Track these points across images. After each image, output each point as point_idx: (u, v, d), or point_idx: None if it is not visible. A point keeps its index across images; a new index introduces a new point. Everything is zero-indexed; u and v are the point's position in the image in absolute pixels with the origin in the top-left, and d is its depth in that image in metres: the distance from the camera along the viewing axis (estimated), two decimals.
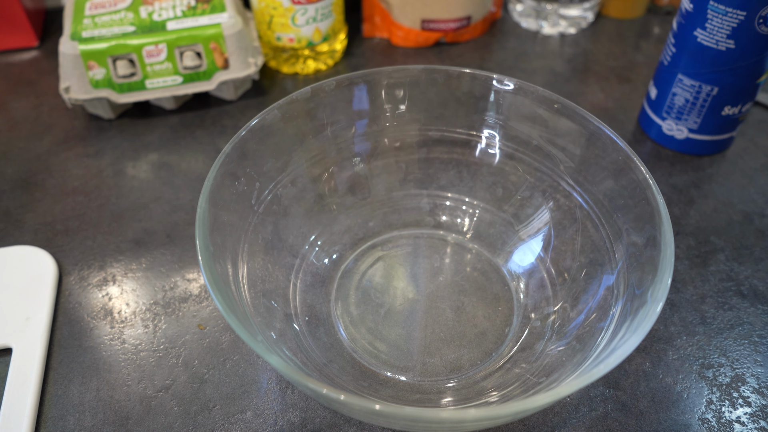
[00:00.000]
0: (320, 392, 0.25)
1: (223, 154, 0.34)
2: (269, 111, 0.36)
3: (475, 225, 0.42)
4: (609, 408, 0.34)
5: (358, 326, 0.38)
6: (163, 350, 0.37)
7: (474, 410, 0.24)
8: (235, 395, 0.35)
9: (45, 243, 0.43)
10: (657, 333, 0.38)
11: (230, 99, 0.54)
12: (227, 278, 0.31)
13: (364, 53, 0.60)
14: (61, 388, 0.35)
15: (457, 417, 0.24)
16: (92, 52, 0.48)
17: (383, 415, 0.25)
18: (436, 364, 0.36)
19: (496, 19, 0.64)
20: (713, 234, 0.43)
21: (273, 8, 0.52)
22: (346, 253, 0.41)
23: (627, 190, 0.34)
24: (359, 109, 0.40)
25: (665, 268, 0.28)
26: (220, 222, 0.33)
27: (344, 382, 0.34)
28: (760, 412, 0.34)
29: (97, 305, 0.40)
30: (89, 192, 0.47)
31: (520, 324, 0.37)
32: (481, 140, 0.40)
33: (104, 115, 0.52)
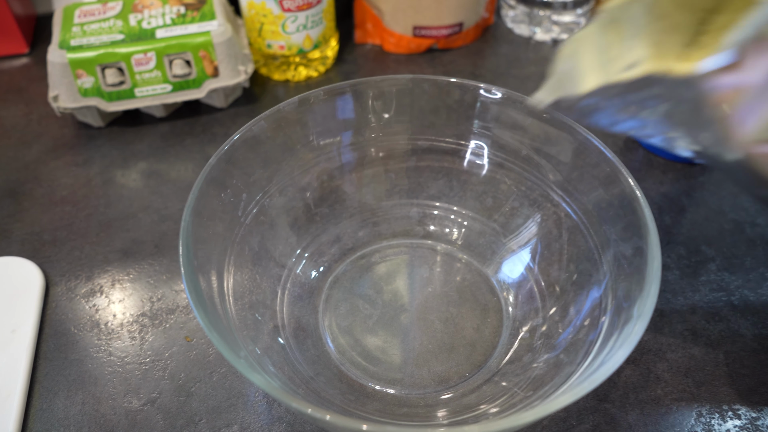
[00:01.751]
0: (305, 412, 0.25)
1: (209, 165, 0.34)
2: (256, 122, 0.36)
3: (465, 235, 0.42)
4: (598, 421, 0.34)
5: (346, 338, 0.37)
6: (150, 362, 0.37)
7: (458, 429, 0.24)
8: (222, 408, 0.35)
9: (32, 253, 0.43)
10: (647, 344, 0.37)
11: (221, 107, 0.54)
12: (212, 291, 0.31)
13: (356, 60, 0.60)
14: (46, 402, 0.35)
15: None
16: (80, 60, 0.47)
17: None
18: (424, 376, 0.36)
19: (488, 25, 0.64)
20: (704, 243, 0.43)
21: (263, 16, 0.52)
22: (335, 263, 0.41)
23: (615, 201, 0.33)
24: (347, 118, 0.39)
25: (651, 282, 0.28)
26: (206, 233, 0.33)
27: (331, 396, 0.33)
28: (749, 425, 0.34)
29: (84, 317, 0.39)
30: (77, 201, 0.46)
31: (509, 336, 0.37)
32: (470, 150, 0.40)
33: (93, 123, 0.52)
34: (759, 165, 0.21)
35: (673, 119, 0.23)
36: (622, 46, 0.26)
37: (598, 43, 0.27)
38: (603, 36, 0.26)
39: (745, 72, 0.19)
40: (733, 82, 0.20)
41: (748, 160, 0.21)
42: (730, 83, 0.19)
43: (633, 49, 0.27)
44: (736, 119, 0.20)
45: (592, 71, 0.27)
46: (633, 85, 0.22)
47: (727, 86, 0.20)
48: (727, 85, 0.20)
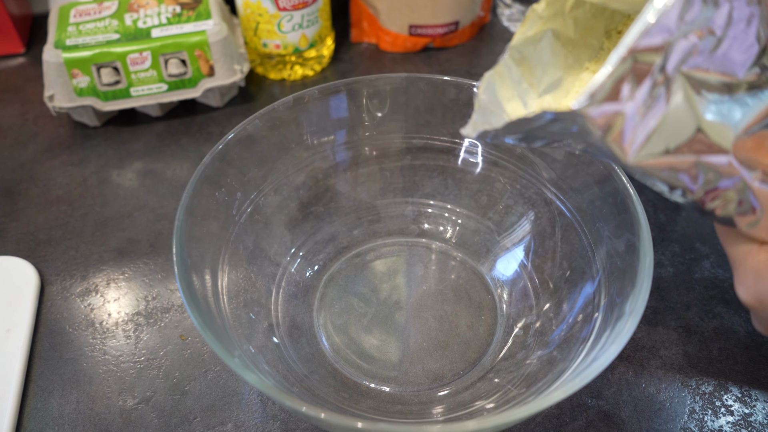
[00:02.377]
0: (299, 410, 0.25)
1: (203, 164, 0.34)
2: (250, 121, 0.36)
3: (460, 233, 0.42)
4: (591, 417, 0.34)
5: (340, 336, 0.37)
6: (145, 361, 0.37)
7: (453, 425, 0.24)
8: (216, 407, 0.35)
9: (27, 253, 0.43)
10: (640, 341, 0.37)
11: (216, 106, 0.54)
12: (206, 290, 0.31)
13: (352, 59, 0.60)
14: (41, 401, 0.35)
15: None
16: (76, 60, 0.48)
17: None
18: (418, 374, 0.36)
19: (484, 24, 0.64)
20: (698, 241, 0.43)
21: (259, 15, 0.52)
22: (330, 262, 0.41)
23: (609, 198, 0.33)
24: (342, 117, 0.40)
25: (643, 279, 0.28)
26: (200, 232, 0.33)
27: (325, 394, 0.33)
28: (742, 421, 0.34)
29: (79, 316, 0.39)
30: (73, 201, 0.47)
31: (504, 333, 0.37)
32: (464, 148, 0.40)
33: (89, 123, 0.52)
34: (654, 174, 0.24)
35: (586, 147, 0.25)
36: (534, 75, 0.28)
37: (511, 77, 0.29)
38: (514, 70, 0.29)
39: (621, 101, 0.21)
40: (611, 110, 0.21)
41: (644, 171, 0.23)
42: (608, 111, 0.21)
43: (545, 76, 0.30)
44: (620, 143, 0.22)
45: (510, 101, 0.29)
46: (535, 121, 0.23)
47: (605, 114, 0.21)
48: (605, 114, 0.21)
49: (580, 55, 0.30)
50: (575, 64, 0.30)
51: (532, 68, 0.30)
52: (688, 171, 0.24)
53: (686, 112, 0.23)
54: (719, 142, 0.24)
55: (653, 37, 0.20)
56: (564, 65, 0.30)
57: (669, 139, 0.23)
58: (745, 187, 0.25)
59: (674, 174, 0.24)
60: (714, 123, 0.23)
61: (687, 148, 0.23)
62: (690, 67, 0.22)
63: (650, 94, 0.21)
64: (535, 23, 0.29)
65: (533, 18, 0.29)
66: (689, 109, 0.23)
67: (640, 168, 0.23)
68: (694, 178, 0.24)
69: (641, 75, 0.21)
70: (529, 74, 0.30)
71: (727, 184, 0.25)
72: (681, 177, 0.24)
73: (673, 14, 0.20)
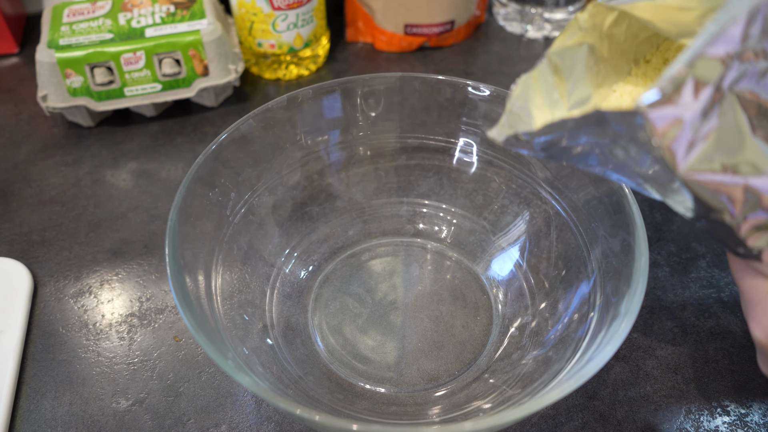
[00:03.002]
0: (293, 412, 0.24)
1: (196, 164, 0.33)
2: (244, 121, 0.36)
3: (455, 233, 0.42)
4: (587, 418, 0.34)
5: (335, 337, 0.37)
6: (138, 363, 0.37)
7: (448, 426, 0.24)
8: (210, 408, 0.35)
9: (20, 254, 0.43)
10: (636, 341, 0.37)
11: (211, 106, 0.54)
12: (199, 291, 0.31)
13: (347, 58, 0.60)
14: (34, 403, 0.35)
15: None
16: (69, 60, 0.47)
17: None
18: (413, 375, 0.36)
19: (480, 23, 0.64)
20: (695, 240, 0.43)
21: (253, 14, 0.52)
22: (324, 262, 0.41)
23: (604, 197, 0.33)
24: (336, 117, 0.39)
25: (639, 278, 0.28)
26: (193, 233, 0.33)
27: (319, 395, 0.33)
28: (738, 422, 0.34)
29: (73, 317, 0.39)
30: (67, 201, 0.46)
31: (499, 334, 0.37)
32: (459, 147, 0.40)
33: (83, 123, 0.52)
34: (698, 192, 0.23)
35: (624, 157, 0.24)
36: (566, 87, 0.28)
37: (545, 83, 0.29)
38: (549, 77, 0.28)
39: (681, 106, 0.20)
40: (671, 115, 0.21)
41: (688, 188, 0.23)
42: (668, 116, 0.21)
43: (575, 90, 0.30)
44: (674, 150, 0.21)
45: (540, 110, 0.28)
46: (580, 123, 0.23)
47: (666, 119, 0.21)
48: (666, 118, 0.21)
49: (609, 76, 0.30)
50: (604, 84, 0.30)
51: (565, 80, 0.29)
52: (733, 192, 0.23)
53: (737, 130, 0.22)
54: (764, 167, 0.23)
55: (718, 46, 0.20)
56: (594, 83, 0.30)
57: (722, 155, 0.22)
58: None
59: (718, 194, 0.23)
60: (760, 146, 0.23)
61: (736, 168, 0.23)
62: (741, 87, 0.22)
63: (707, 106, 0.21)
64: (575, 33, 0.29)
65: (574, 28, 0.29)
66: (739, 129, 0.22)
67: (688, 181, 0.22)
68: (738, 201, 0.24)
69: (701, 84, 0.21)
70: (562, 85, 0.30)
71: (766, 214, 0.24)
72: (723, 198, 0.23)
73: (739, 26, 0.20)
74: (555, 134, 0.25)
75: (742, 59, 0.21)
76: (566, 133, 0.24)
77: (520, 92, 0.29)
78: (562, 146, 0.25)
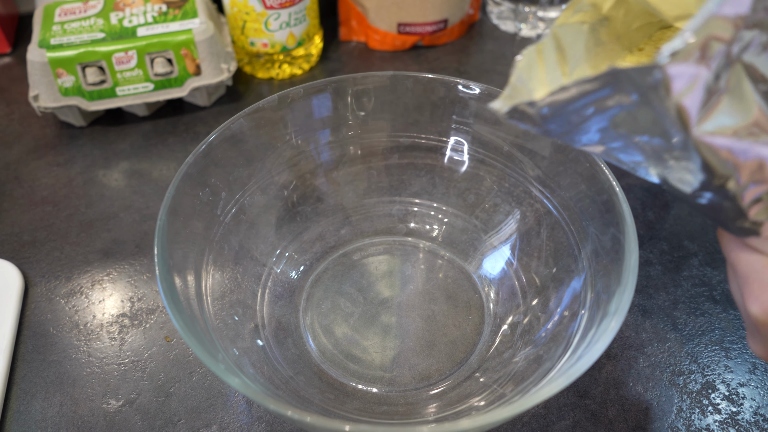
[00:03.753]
0: (284, 414, 0.24)
1: (186, 164, 0.33)
2: (235, 120, 0.36)
3: (447, 232, 0.42)
4: (578, 417, 0.34)
5: (327, 336, 0.37)
6: (129, 363, 0.37)
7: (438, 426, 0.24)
8: (201, 409, 0.35)
9: (11, 254, 0.42)
10: (628, 340, 0.37)
11: (204, 105, 0.54)
12: (188, 292, 0.31)
13: (340, 57, 0.60)
14: (24, 404, 0.35)
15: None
16: (60, 59, 0.47)
17: None
18: (404, 374, 0.35)
19: (473, 22, 0.63)
20: (687, 239, 0.43)
21: (246, 13, 0.52)
22: (316, 262, 0.41)
23: (595, 195, 0.33)
24: (327, 116, 0.39)
25: (628, 277, 0.28)
26: (183, 233, 0.33)
27: (310, 396, 0.33)
28: (729, 420, 0.34)
29: (63, 318, 0.39)
30: (58, 202, 0.46)
31: (491, 332, 0.37)
32: (450, 146, 0.40)
33: (75, 123, 0.52)
34: (707, 156, 0.23)
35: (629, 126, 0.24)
36: (567, 66, 0.28)
37: (548, 60, 0.29)
38: (552, 54, 0.28)
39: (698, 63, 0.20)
40: (688, 73, 0.20)
41: (698, 151, 0.22)
42: (686, 73, 0.20)
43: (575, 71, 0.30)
44: (689, 109, 0.21)
45: (543, 84, 0.28)
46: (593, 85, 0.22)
47: (683, 76, 0.20)
48: (683, 75, 0.20)
49: (606, 60, 0.31)
50: (601, 67, 0.30)
51: (567, 58, 0.30)
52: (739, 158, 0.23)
53: (745, 97, 0.22)
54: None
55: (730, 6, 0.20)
56: (593, 65, 0.30)
57: (731, 120, 0.22)
58: None
59: (726, 159, 0.23)
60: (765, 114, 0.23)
61: (744, 134, 0.23)
62: (746, 57, 0.22)
63: (720, 68, 0.21)
64: (578, 11, 0.29)
65: (577, 5, 0.29)
66: (747, 96, 0.22)
67: (699, 143, 0.22)
68: (744, 168, 0.23)
69: (716, 44, 0.20)
70: (563, 63, 0.30)
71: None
72: (730, 165, 0.23)
73: None
74: (560, 103, 0.24)
75: (748, 26, 0.21)
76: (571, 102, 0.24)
77: (525, 64, 0.29)
78: (566, 118, 0.25)
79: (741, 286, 0.28)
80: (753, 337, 0.29)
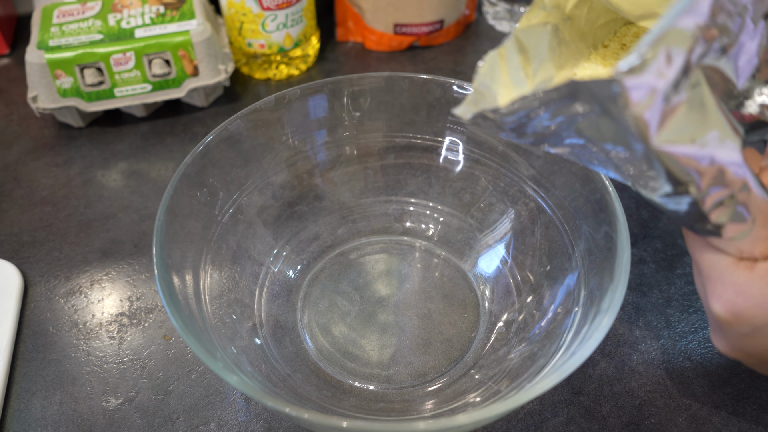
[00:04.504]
0: (282, 411, 0.25)
1: (184, 164, 0.34)
2: (232, 121, 0.36)
3: (443, 231, 0.42)
4: (572, 413, 0.34)
5: (324, 335, 0.37)
6: (128, 362, 0.37)
7: (432, 422, 0.24)
8: (199, 406, 0.35)
9: (11, 255, 0.43)
10: (622, 337, 0.38)
11: (202, 106, 0.54)
12: (187, 291, 0.31)
13: (337, 58, 0.60)
14: (24, 402, 0.35)
15: (411, 429, 0.24)
16: (59, 60, 0.47)
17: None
18: (401, 372, 0.36)
19: (470, 22, 0.64)
20: (680, 237, 0.43)
21: (243, 14, 0.52)
22: (313, 261, 0.41)
23: (588, 195, 0.34)
24: (324, 116, 0.40)
25: (621, 275, 0.28)
26: (181, 232, 0.33)
27: (307, 393, 0.33)
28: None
29: (63, 317, 0.39)
30: (57, 202, 0.46)
31: (486, 330, 0.37)
32: (445, 146, 0.40)
33: (74, 124, 0.52)
34: (668, 165, 0.23)
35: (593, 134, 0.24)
36: (531, 67, 0.28)
37: (511, 63, 0.29)
38: (515, 56, 0.29)
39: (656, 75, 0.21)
40: (646, 84, 0.21)
41: (660, 160, 0.23)
42: (643, 84, 0.21)
43: (539, 71, 0.30)
44: (648, 121, 0.21)
45: (506, 88, 0.28)
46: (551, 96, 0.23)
47: (641, 88, 0.21)
48: (641, 87, 0.21)
49: (570, 59, 0.31)
50: (566, 66, 0.31)
51: (530, 59, 0.30)
52: (700, 165, 0.23)
53: (704, 104, 0.23)
54: (731, 143, 0.23)
55: (689, 18, 0.21)
56: (557, 64, 0.31)
57: (690, 128, 0.23)
58: (747, 194, 0.25)
59: (687, 167, 0.23)
60: (723, 121, 0.23)
61: (704, 141, 0.23)
62: (706, 63, 0.22)
63: (678, 78, 0.21)
64: (539, 12, 0.30)
65: (539, 7, 0.30)
66: (706, 103, 0.23)
67: (660, 152, 0.22)
68: (704, 174, 0.24)
69: (674, 55, 0.21)
70: (527, 65, 0.30)
71: (728, 189, 0.24)
72: (692, 171, 0.23)
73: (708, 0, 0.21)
74: (523, 111, 0.25)
75: (708, 34, 0.22)
76: (535, 111, 0.24)
77: (487, 70, 0.29)
78: (531, 126, 0.25)
79: (704, 285, 0.29)
80: (715, 333, 0.30)
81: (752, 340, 0.28)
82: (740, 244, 0.27)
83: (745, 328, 0.27)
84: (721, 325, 0.28)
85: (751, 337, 0.28)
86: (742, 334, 0.28)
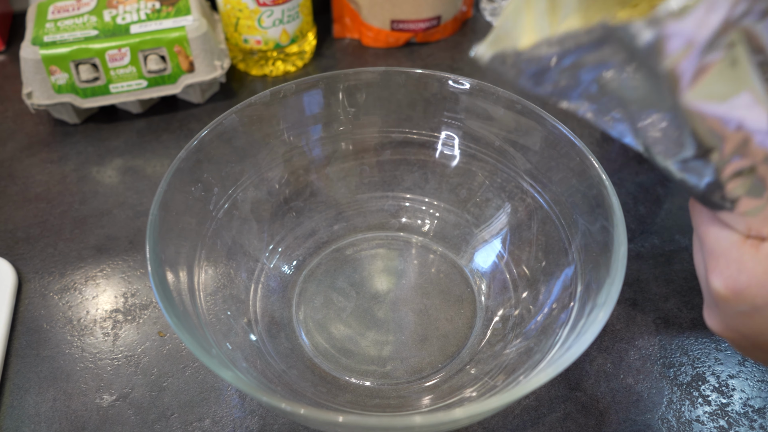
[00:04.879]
0: (278, 406, 0.24)
1: (178, 159, 0.33)
2: (227, 116, 0.36)
3: (439, 226, 0.42)
4: (569, 409, 0.34)
5: (319, 331, 0.37)
6: (123, 358, 0.37)
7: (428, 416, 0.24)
8: (194, 403, 0.35)
9: (5, 251, 0.42)
10: (619, 333, 0.37)
11: (197, 102, 0.54)
12: (181, 287, 0.31)
13: (334, 54, 0.60)
14: (17, 399, 0.35)
15: (406, 424, 0.24)
16: (54, 56, 0.47)
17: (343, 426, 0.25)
18: (397, 368, 0.36)
19: (467, 19, 0.64)
20: (678, 233, 0.43)
21: (239, 10, 0.52)
22: (309, 257, 0.41)
23: (585, 189, 0.33)
24: (319, 112, 0.39)
25: (617, 269, 0.28)
26: (175, 228, 0.33)
27: (302, 389, 0.33)
28: (719, 411, 0.34)
29: (57, 313, 0.39)
30: (52, 198, 0.46)
31: (482, 326, 0.37)
32: (441, 141, 0.40)
33: (69, 120, 0.52)
34: (694, 123, 0.22)
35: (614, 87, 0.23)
36: (557, 16, 0.27)
37: (538, 6, 0.27)
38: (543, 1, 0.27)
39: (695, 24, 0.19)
40: (685, 33, 0.19)
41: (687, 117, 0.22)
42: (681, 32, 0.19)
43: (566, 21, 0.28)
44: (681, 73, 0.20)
45: (529, 32, 0.27)
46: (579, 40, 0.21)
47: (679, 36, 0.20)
48: (679, 35, 0.19)
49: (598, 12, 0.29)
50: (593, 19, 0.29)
51: (557, 8, 0.28)
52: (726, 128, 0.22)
53: (739, 65, 0.21)
54: (761, 110, 0.22)
55: None
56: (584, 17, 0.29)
57: (723, 89, 0.21)
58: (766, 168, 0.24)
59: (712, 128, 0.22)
60: (757, 86, 0.22)
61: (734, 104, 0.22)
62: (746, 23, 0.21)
63: (716, 32, 0.20)
64: None
65: None
66: (741, 64, 0.21)
67: (687, 111, 0.21)
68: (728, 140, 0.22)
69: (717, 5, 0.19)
70: (553, 13, 0.28)
71: (749, 160, 0.23)
72: (716, 134, 0.22)
73: None
74: (546, 57, 0.23)
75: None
76: (558, 56, 0.23)
77: (512, 11, 0.28)
78: (551, 75, 0.24)
79: (706, 260, 0.28)
80: (710, 310, 0.29)
81: (749, 320, 0.27)
82: (751, 221, 0.25)
83: (744, 306, 0.26)
84: (718, 302, 0.27)
85: (748, 316, 0.27)
86: (739, 313, 0.27)
